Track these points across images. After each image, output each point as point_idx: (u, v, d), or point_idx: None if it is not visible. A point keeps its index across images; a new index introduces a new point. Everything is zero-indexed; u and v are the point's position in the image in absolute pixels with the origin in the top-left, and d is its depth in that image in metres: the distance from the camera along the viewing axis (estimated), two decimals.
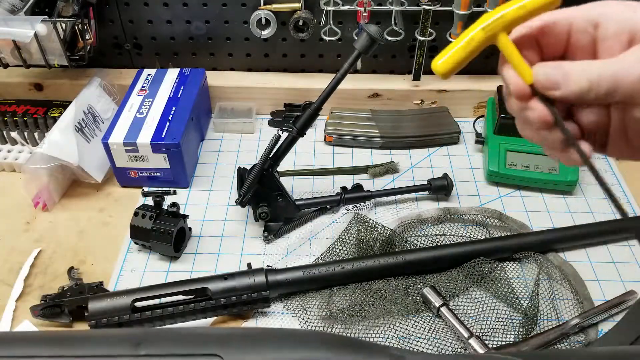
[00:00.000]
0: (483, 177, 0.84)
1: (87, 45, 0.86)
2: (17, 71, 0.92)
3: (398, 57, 0.96)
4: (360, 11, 0.88)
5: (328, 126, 0.91)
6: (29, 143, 0.85)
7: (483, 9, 0.86)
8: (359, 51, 0.65)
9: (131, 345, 0.26)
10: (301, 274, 0.65)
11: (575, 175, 0.80)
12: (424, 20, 0.87)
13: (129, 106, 0.83)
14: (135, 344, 0.26)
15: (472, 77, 0.97)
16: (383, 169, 0.85)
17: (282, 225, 0.75)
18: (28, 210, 0.78)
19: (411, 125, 0.91)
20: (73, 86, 0.92)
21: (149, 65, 0.98)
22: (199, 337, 0.28)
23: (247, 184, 0.69)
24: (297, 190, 0.81)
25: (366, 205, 0.79)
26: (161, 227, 0.68)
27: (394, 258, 0.68)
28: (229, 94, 0.95)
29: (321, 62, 0.97)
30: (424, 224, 0.76)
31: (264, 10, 0.88)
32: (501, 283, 0.67)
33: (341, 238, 0.72)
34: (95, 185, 0.81)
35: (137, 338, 0.27)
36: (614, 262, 0.72)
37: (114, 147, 0.77)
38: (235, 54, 0.97)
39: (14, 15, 0.81)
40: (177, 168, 0.79)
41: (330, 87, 0.68)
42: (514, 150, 0.82)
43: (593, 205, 0.80)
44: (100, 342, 0.26)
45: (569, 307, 0.65)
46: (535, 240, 0.71)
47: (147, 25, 0.94)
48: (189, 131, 0.82)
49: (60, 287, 0.65)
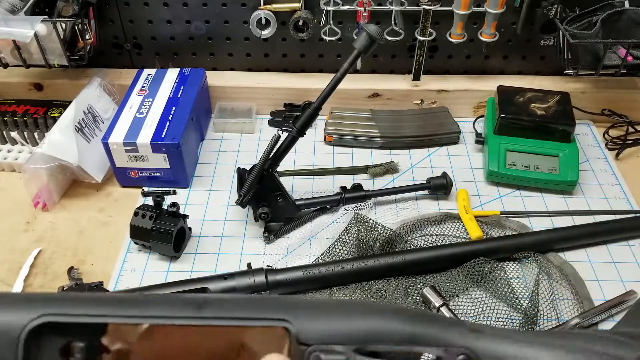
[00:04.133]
0: (483, 177, 0.84)
1: (87, 45, 0.86)
2: (17, 71, 0.92)
3: (398, 57, 0.96)
4: (360, 11, 0.88)
5: (328, 126, 0.91)
6: (29, 143, 0.85)
7: (483, 9, 0.86)
8: (358, 51, 0.65)
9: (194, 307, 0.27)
10: (301, 274, 0.65)
11: (575, 175, 0.80)
12: (424, 20, 0.87)
13: (129, 106, 0.83)
14: (197, 307, 0.27)
15: (471, 77, 0.97)
16: (383, 169, 0.85)
17: (282, 225, 0.75)
18: (28, 210, 0.78)
19: (411, 125, 0.91)
20: (73, 86, 0.92)
21: (149, 65, 0.98)
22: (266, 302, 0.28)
23: (247, 185, 0.69)
24: (297, 190, 0.81)
25: (366, 205, 0.79)
26: (161, 227, 0.68)
27: (394, 258, 0.68)
28: (229, 94, 0.95)
29: (321, 62, 0.97)
30: (425, 225, 0.76)
31: (264, 10, 0.88)
32: (501, 283, 0.67)
33: (341, 238, 0.72)
34: (95, 185, 0.81)
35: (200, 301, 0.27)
36: (614, 262, 0.71)
37: (114, 147, 0.77)
38: (235, 54, 0.97)
39: (14, 15, 0.81)
40: (177, 168, 0.79)
41: (330, 87, 0.68)
42: (514, 150, 0.82)
43: (593, 205, 0.80)
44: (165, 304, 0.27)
45: (569, 307, 0.65)
46: (535, 240, 0.71)
47: (147, 25, 0.94)
48: (189, 131, 0.82)
49: (60, 287, 0.65)
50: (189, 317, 0.27)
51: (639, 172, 0.86)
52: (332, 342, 0.27)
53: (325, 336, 0.27)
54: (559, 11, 0.85)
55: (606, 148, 0.90)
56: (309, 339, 0.27)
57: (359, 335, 0.27)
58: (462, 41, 0.90)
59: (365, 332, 0.27)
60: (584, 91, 0.93)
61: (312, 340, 0.27)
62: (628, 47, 0.82)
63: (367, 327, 0.27)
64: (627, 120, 0.92)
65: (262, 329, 0.28)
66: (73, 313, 0.26)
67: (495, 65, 0.97)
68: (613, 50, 0.86)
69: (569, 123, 0.82)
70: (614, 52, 0.86)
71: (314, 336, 0.27)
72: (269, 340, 0.28)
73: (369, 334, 0.27)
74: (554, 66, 0.95)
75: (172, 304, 0.27)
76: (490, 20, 0.87)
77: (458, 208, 0.78)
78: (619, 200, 0.81)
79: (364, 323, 0.27)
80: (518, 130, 0.83)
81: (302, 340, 0.27)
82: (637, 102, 0.93)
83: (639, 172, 0.86)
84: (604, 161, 0.88)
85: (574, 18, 0.84)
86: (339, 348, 0.26)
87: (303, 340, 0.27)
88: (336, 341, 0.27)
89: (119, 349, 0.27)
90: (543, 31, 0.90)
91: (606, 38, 0.82)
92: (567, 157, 0.81)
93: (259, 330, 0.28)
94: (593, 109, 0.93)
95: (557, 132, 0.82)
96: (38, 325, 0.26)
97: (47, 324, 0.26)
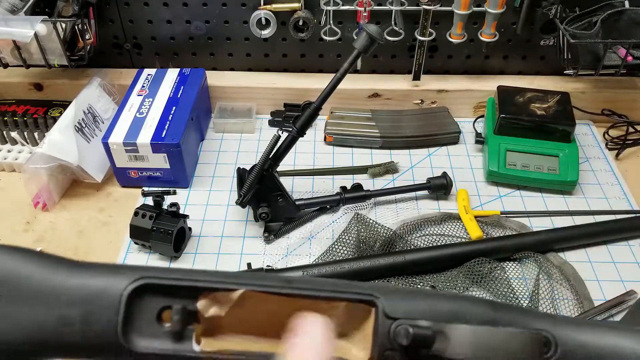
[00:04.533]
0: (483, 177, 0.84)
1: (87, 45, 0.86)
2: (17, 71, 0.92)
3: (398, 57, 0.96)
4: (360, 11, 0.88)
5: (328, 126, 0.91)
6: (29, 143, 0.85)
7: (483, 9, 0.86)
8: (358, 51, 0.65)
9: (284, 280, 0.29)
10: (301, 274, 0.65)
11: (575, 175, 0.80)
12: (424, 20, 0.87)
13: (129, 106, 0.83)
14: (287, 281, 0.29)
15: (471, 77, 0.97)
16: (383, 169, 0.85)
17: (282, 225, 0.75)
18: (28, 210, 0.78)
19: (411, 125, 0.91)
20: (73, 86, 0.92)
21: (149, 65, 0.98)
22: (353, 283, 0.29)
23: (247, 185, 0.69)
24: (297, 190, 0.81)
25: (366, 205, 0.79)
26: (161, 227, 0.68)
27: (394, 258, 0.68)
28: (229, 94, 0.95)
29: (321, 62, 0.97)
30: (425, 225, 0.76)
31: (264, 10, 0.88)
32: (501, 283, 0.67)
33: (341, 238, 0.72)
34: (95, 185, 0.81)
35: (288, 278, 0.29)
36: (614, 262, 0.71)
37: (114, 147, 0.77)
38: (235, 54, 0.97)
39: (14, 15, 0.81)
40: (177, 168, 0.79)
41: (330, 86, 0.68)
42: (514, 150, 0.82)
43: (593, 205, 0.80)
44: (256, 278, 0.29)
45: (569, 307, 0.65)
46: (535, 240, 0.71)
47: (147, 25, 0.94)
48: (189, 131, 0.82)
49: None
50: (281, 287, 0.28)
51: (639, 172, 0.86)
52: (417, 318, 0.28)
53: (411, 311, 0.28)
54: (559, 11, 0.85)
55: (606, 148, 0.90)
56: (396, 312, 0.28)
57: (443, 314, 0.28)
58: (462, 41, 0.90)
59: (449, 312, 0.28)
60: (584, 91, 0.93)
61: (399, 315, 0.28)
62: (628, 47, 0.82)
63: (450, 308, 0.29)
64: (627, 120, 0.92)
65: (347, 306, 0.29)
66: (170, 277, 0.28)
67: (495, 65, 0.97)
68: (613, 50, 0.86)
69: (569, 123, 0.82)
70: (614, 52, 0.86)
71: (400, 311, 0.28)
72: (353, 317, 0.29)
73: (453, 314, 0.28)
74: (554, 66, 0.95)
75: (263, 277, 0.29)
76: (490, 20, 0.87)
77: (458, 208, 0.78)
78: (619, 200, 0.81)
79: (447, 304, 0.29)
80: (518, 130, 0.83)
81: (389, 314, 0.28)
82: (637, 102, 0.93)
83: (639, 172, 0.86)
84: (604, 161, 0.88)
85: (574, 18, 0.84)
86: (424, 323, 0.27)
87: (390, 314, 0.28)
88: (422, 317, 0.28)
89: (212, 317, 0.28)
90: (543, 31, 0.90)
91: (606, 38, 0.82)
92: (567, 157, 0.81)
93: (341, 310, 0.29)
94: (593, 109, 0.93)
95: (557, 132, 0.82)
96: (139, 286, 0.28)
97: (145, 285, 0.28)
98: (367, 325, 0.29)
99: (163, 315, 0.28)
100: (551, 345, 0.29)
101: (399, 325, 0.28)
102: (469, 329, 0.27)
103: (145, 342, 0.28)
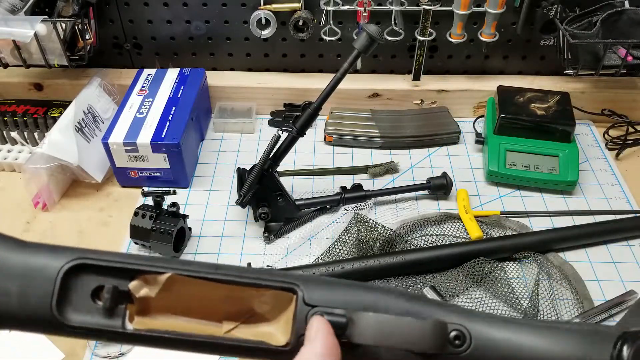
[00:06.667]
0: (483, 177, 0.84)
1: (87, 45, 0.86)
2: (17, 71, 0.92)
3: (398, 57, 0.96)
4: (360, 11, 0.87)
5: (328, 126, 0.91)
6: (29, 143, 0.85)
7: (483, 9, 0.86)
8: (358, 51, 0.65)
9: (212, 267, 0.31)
10: (301, 274, 0.65)
11: (575, 175, 0.80)
12: (424, 20, 0.87)
13: (129, 106, 0.83)
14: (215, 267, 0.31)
15: (471, 77, 0.97)
16: (383, 169, 0.85)
17: (282, 225, 0.75)
18: (28, 210, 0.78)
19: (411, 125, 0.91)
20: (73, 86, 0.92)
21: (149, 65, 0.98)
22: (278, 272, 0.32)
23: (248, 185, 0.69)
24: (297, 190, 0.81)
25: (366, 205, 0.79)
26: (161, 227, 0.68)
27: (394, 258, 0.68)
28: (229, 94, 0.95)
29: (321, 62, 0.97)
30: (425, 225, 0.76)
31: (264, 10, 0.88)
32: (501, 283, 0.67)
33: (341, 238, 0.72)
34: (95, 185, 0.81)
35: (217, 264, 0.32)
36: (614, 262, 0.71)
37: (114, 147, 0.77)
38: (235, 54, 0.97)
39: (14, 15, 0.81)
40: (177, 168, 0.79)
41: (330, 86, 0.68)
42: (514, 150, 0.82)
43: (593, 205, 0.80)
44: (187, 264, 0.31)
45: (569, 307, 0.65)
46: (535, 240, 0.71)
47: (147, 25, 0.94)
48: (189, 131, 0.82)
49: None
50: (207, 272, 0.31)
51: (639, 172, 0.86)
52: (334, 306, 0.30)
53: (329, 300, 0.31)
54: (559, 11, 0.85)
55: (606, 148, 0.90)
56: (314, 300, 0.31)
57: (359, 304, 0.31)
58: (462, 41, 0.90)
59: (365, 301, 0.31)
60: (584, 91, 0.93)
61: (317, 302, 0.30)
62: (628, 47, 0.82)
63: (367, 298, 0.31)
64: (627, 120, 0.92)
65: (274, 294, 0.31)
66: (105, 259, 0.31)
67: (495, 65, 0.97)
68: (613, 50, 0.86)
69: (569, 123, 0.82)
70: (614, 52, 0.86)
71: (319, 299, 0.31)
72: (279, 304, 0.31)
73: (368, 303, 0.31)
74: (554, 66, 0.95)
75: (192, 264, 0.31)
76: (490, 20, 0.87)
77: (458, 208, 0.78)
78: (619, 200, 0.81)
79: (365, 295, 0.31)
80: (518, 130, 0.83)
81: (307, 301, 0.30)
82: (637, 102, 0.93)
83: (639, 172, 0.86)
84: (604, 161, 0.88)
85: (574, 18, 0.85)
86: (340, 311, 0.30)
87: (309, 302, 0.30)
88: (338, 306, 0.30)
89: (144, 297, 0.31)
90: (543, 31, 0.90)
91: (606, 38, 0.82)
92: (567, 157, 0.81)
93: (268, 297, 0.31)
94: (593, 109, 0.93)
95: (557, 132, 0.82)
96: (75, 265, 0.30)
97: (82, 265, 0.30)
98: (290, 312, 0.31)
99: (100, 295, 0.30)
100: (464, 339, 0.30)
101: (315, 312, 0.30)
102: (373, 317, 0.30)
103: (79, 317, 0.30)
